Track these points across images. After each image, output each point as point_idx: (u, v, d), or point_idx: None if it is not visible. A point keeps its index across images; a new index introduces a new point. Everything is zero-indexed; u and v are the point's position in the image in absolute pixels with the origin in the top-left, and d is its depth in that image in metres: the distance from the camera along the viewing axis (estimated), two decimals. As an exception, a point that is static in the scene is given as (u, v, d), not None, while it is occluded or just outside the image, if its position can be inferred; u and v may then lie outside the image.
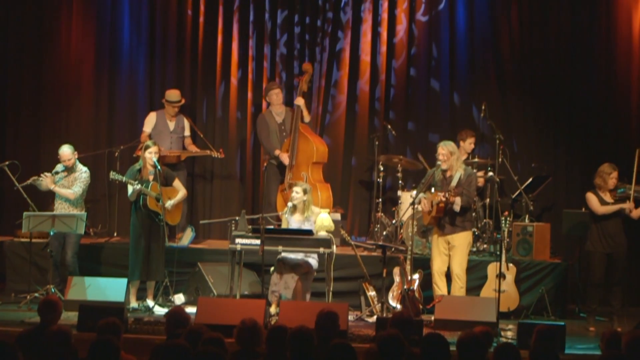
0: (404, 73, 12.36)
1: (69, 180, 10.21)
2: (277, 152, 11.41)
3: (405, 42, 12.32)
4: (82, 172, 10.27)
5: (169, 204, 9.78)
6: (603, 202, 9.79)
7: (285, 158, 11.36)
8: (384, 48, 12.32)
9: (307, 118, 11.56)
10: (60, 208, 10.16)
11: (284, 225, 9.90)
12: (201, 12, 12.47)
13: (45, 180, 10.11)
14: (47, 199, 10.63)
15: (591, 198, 9.84)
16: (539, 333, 6.14)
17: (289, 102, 11.97)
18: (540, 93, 12.03)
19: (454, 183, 9.53)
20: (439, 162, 9.61)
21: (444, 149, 9.61)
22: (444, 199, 9.37)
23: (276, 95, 11.52)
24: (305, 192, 9.72)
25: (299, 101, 11.48)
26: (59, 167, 10.26)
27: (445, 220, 9.58)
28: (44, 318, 6.70)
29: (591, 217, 9.89)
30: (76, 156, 10.25)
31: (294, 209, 9.77)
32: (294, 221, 9.78)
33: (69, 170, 10.20)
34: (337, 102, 12.47)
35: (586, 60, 11.93)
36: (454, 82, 12.28)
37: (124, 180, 9.71)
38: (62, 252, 10.15)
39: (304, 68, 11.79)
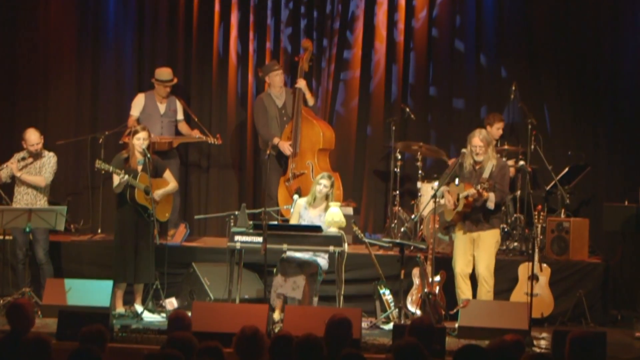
0: (425, 34, 12.29)
1: (35, 167, 10.24)
2: (276, 140, 11.30)
3: (426, 3, 12.24)
4: (50, 157, 10.32)
5: (157, 193, 9.79)
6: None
7: (285, 148, 11.30)
8: (402, 10, 12.23)
9: (310, 101, 11.50)
10: (26, 199, 10.19)
11: (293, 220, 9.89)
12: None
13: (10, 168, 10.11)
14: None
15: None
16: (573, 341, 6.10)
17: (290, 83, 11.91)
18: (578, 70, 11.96)
19: (485, 175, 9.46)
20: (463, 151, 9.56)
21: (480, 140, 9.46)
22: (475, 193, 9.31)
23: (278, 77, 11.45)
24: (332, 185, 9.74)
25: (301, 83, 11.43)
26: (22, 154, 10.25)
27: (471, 216, 9.55)
28: (13, 326, 6.68)
29: None
30: (42, 141, 10.26)
31: (313, 200, 9.76)
32: (309, 216, 9.78)
33: (35, 156, 10.23)
34: (349, 77, 12.41)
35: (631, 33, 11.85)
36: (480, 42, 12.22)
37: (110, 171, 9.73)
38: (32, 250, 10.17)
39: (303, 45, 11.74)
